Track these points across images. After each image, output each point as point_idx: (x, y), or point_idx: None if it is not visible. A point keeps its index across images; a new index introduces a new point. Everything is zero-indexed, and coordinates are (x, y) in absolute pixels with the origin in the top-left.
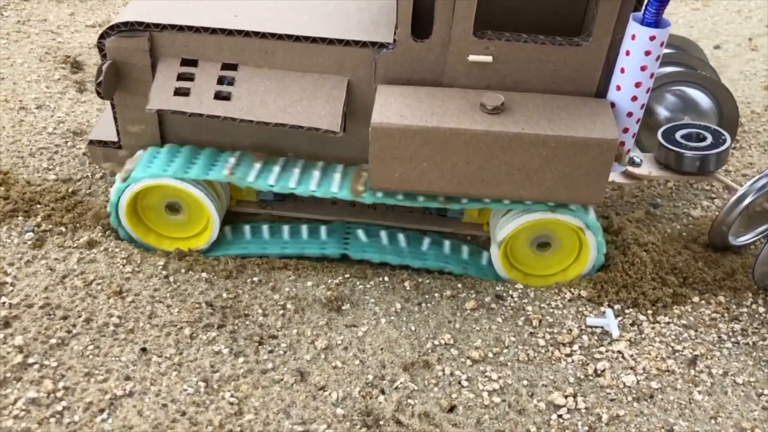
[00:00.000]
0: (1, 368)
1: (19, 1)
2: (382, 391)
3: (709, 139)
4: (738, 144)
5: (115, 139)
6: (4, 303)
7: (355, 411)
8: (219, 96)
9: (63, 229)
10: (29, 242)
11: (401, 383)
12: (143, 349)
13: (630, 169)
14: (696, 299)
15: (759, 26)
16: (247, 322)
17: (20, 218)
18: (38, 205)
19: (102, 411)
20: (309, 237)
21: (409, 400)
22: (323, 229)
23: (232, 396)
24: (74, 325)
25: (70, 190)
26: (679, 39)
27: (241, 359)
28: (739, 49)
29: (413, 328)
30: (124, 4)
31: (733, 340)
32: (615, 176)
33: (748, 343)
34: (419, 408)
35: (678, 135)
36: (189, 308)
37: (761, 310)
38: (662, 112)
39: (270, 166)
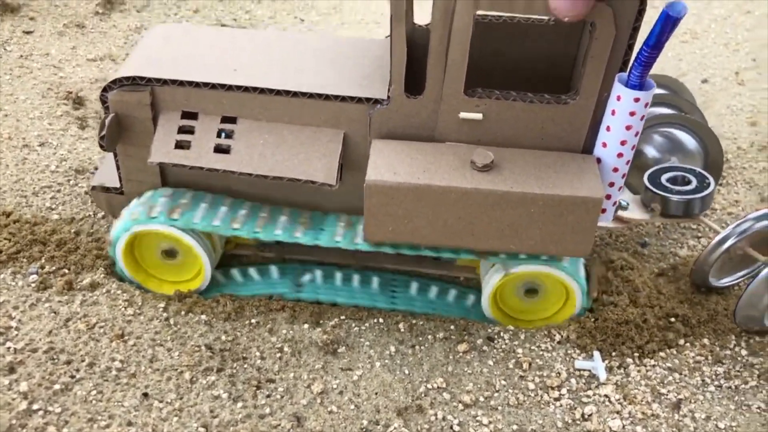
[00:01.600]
0: (7, 415)
1: (21, 35)
2: None
3: (694, 183)
4: (724, 180)
5: (117, 185)
6: (9, 348)
7: None
8: (219, 149)
9: (66, 271)
10: (33, 285)
11: (395, 428)
12: (145, 394)
13: (618, 212)
14: (681, 341)
15: (746, 59)
16: (246, 366)
17: (24, 260)
18: (42, 246)
19: None
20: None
21: None
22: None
23: None
24: (77, 370)
25: (72, 230)
26: (670, 80)
27: (239, 404)
28: (726, 83)
29: (407, 372)
30: (125, 38)
31: (716, 383)
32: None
33: (730, 387)
34: None
35: (663, 178)
36: (189, 351)
37: (743, 352)
38: (651, 152)
39: (277, 217)
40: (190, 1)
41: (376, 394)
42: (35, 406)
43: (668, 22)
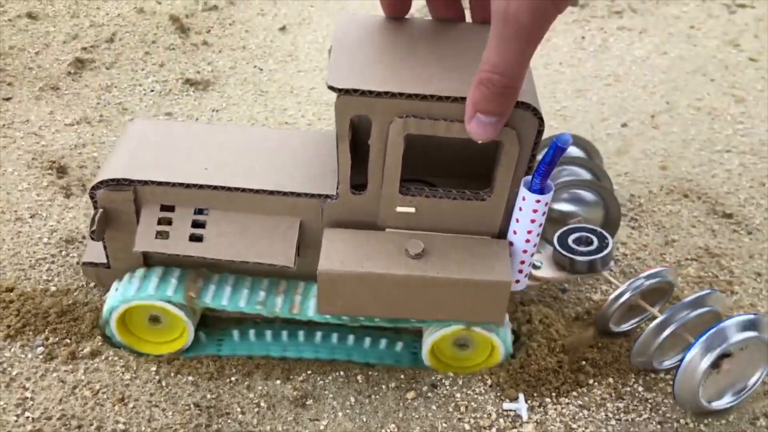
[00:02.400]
0: None
1: (1, 102)
2: None
3: (595, 243)
4: (636, 223)
5: (105, 260)
6: (28, 417)
7: None
8: (193, 237)
9: (68, 341)
10: (41, 356)
11: None
12: None
13: (533, 272)
14: (590, 381)
15: (660, 102)
16: (229, 421)
17: (30, 333)
18: (44, 319)
19: None
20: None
21: None
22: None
23: None
24: None
25: (69, 301)
26: (588, 144)
27: None
28: (643, 127)
29: (365, 419)
30: (98, 98)
31: (617, 417)
32: (520, 285)
33: (628, 420)
34: None
35: (570, 240)
36: (180, 410)
37: (640, 389)
38: (564, 207)
39: (240, 288)
40: (155, 56)
41: None
42: None
43: (558, 151)
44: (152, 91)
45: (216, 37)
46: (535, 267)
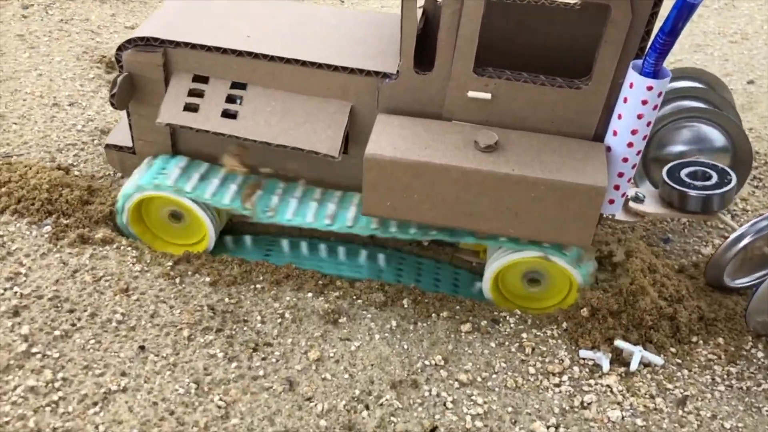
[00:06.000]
0: (6, 355)
1: (64, 0)
2: (367, 407)
3: (715, 178)
4: (761, 182)
5: (130, 144)
6: (16, 292)
7: (338, 424)
8: (226, 114)
9: (80, 225)
10: (46, 235)
11: (386, 400)
12: (141, 347)
13: (633, 205)
14: (694, 339)
15: None
16: (245, 328)
17: (41, 212)
18: (60, 200)
19: (95, 404)
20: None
21: (392, 418)
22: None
23: (220, 399)
24: (79, 319)
25: (92, 187)
26: (710, 76)
27: (234, 364)
28: None
29: (406, 347)
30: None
31: (726, 383)
32: (618, 214)
33: (741, 388)
34: (401, 426)
35: (683, 173)
36: (191, 310)
37: (760, 354)
38: (677, 147)
39: (287, 198)
40: None
41: (372, 365)
42: (34, 350)
43: (685, 8)
44: None
45: None
46: (637, 199)
